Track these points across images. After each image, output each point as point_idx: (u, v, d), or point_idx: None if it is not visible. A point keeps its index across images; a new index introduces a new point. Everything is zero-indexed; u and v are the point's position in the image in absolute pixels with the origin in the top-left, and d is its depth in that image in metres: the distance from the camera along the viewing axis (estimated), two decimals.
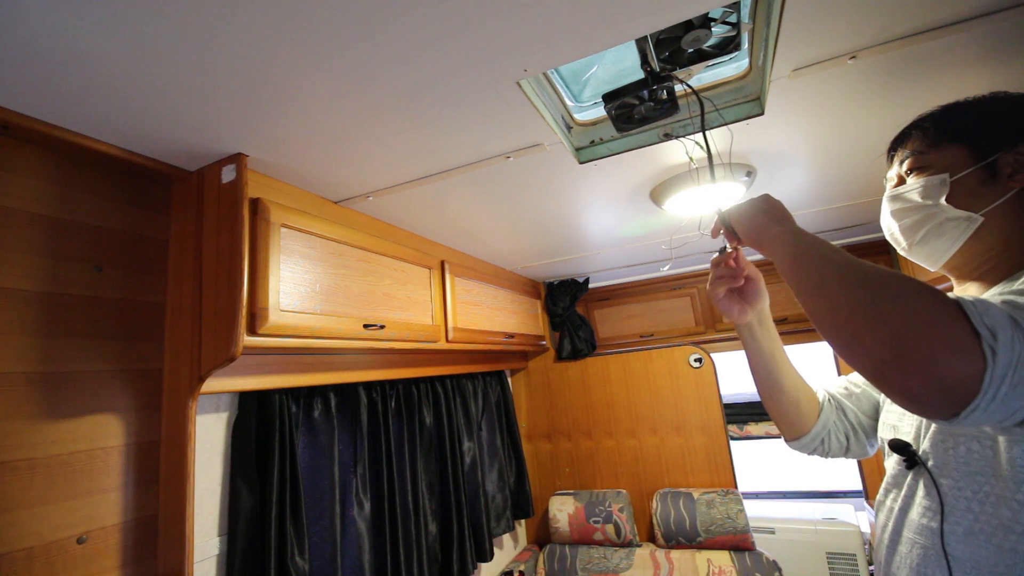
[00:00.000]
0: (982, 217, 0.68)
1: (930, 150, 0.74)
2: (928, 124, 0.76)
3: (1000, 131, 0.69)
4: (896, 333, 0.50)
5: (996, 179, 0.68)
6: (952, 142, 0.72)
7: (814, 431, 0.93)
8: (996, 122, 0.70)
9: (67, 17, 0.69)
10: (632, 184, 1.48)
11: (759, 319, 0.94)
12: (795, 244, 0.68)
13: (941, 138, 0.73)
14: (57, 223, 1.02)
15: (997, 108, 0.71)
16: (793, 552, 2.69)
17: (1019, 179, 0.66)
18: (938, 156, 0.73)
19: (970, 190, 0.69)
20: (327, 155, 1.14)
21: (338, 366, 1.51)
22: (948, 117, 0.74)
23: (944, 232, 0.71)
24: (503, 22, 0.76)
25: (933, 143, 0.74)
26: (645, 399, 2.65)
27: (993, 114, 0.71)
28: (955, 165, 0.71)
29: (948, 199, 0.70)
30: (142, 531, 1.06)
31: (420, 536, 1.79)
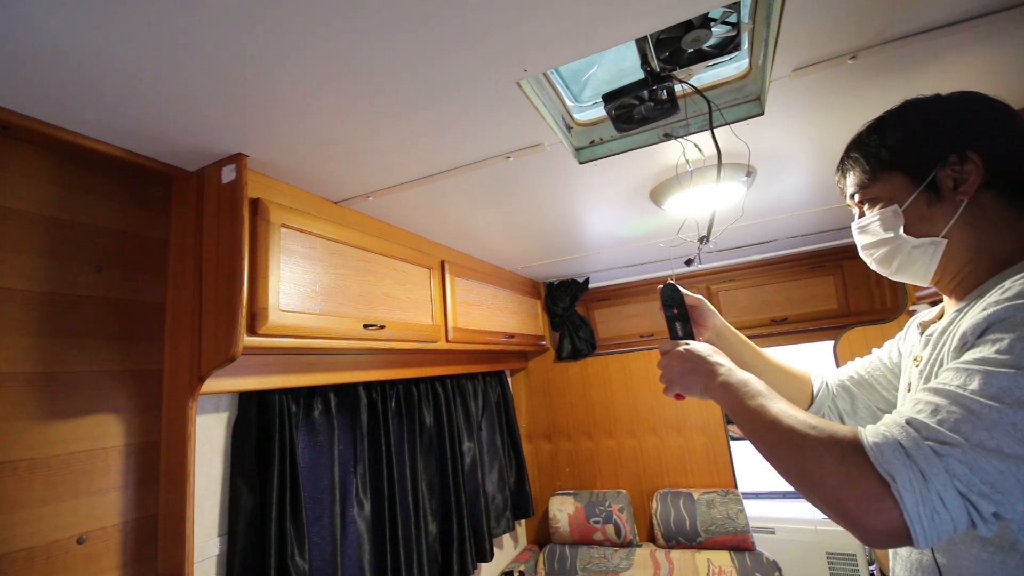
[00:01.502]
0: (944, 239, 0.68)
1: (871, 182, 0.74)
2: (859, 154, 0.76)
3: (928, 149, 0.69)
4: (827, 497, 0.56)
5: (942, 197, 0.68)
6: (888, 170, 0.72)
7: None
8: (921, 141, 0.70)
9: (67, 18, 0.69)
10: (632, 184, 1.48)
11: (716, 334, 1.00)
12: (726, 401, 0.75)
13: (876, 168, 0.73)
14: (57, 223, 1.02)
15: (917, 125, 0.71)
16: (793, 552, 2.69)
17: (963, 191, 0.66)
18: (880, 187, 0.73)
19: (923, 214, 0.69)
20: (327, 155, 1.14)
21: (338, 366, 1.51)
22: (875, 145, 0.74)
23: (916, 259, 0.72)
24: (503, 22, 0.76)
25: (871, 175, 0.74)
26: (645, 399, 2.65)
27: (916, 133, 0.71)
28: (899, 193, 0.71)
29: (906, 229, 0.71)
30: (142, 531, 1.06)
31: (420, 536, 1.79)
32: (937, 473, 0.50)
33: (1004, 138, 0.67)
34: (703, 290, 2.72)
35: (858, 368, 0.96)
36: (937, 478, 0.50)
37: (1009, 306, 0.55)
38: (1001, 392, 0.51)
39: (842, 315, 2.47)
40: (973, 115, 0.69)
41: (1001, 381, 0.52)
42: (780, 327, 2.55)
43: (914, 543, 0.51)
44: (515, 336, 2.33)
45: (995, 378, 0.52)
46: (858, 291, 2.45)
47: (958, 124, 0.68)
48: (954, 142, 0.67)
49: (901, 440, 0.53)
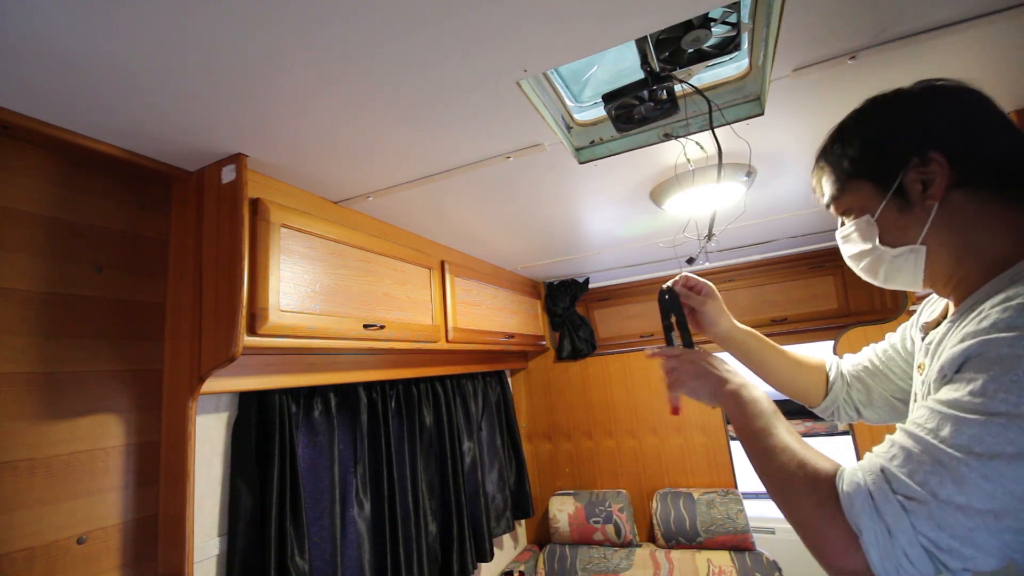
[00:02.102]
0: (922, 245, 0.65)
1: (841, 193, 0.72)
2: (825, 165, 0.74)
3: (889, 154, 0.66)
4: (804, 533, 0.60)
5: (912, 202, 0.64)
6: (854, 180, 0.70)
7: (823, 405, 0.97)
8: (881, 146, 0.67)
9: (67, 18, 0.69)
10: (632, 184, 1.48)
11: (720, 339, 1.00)
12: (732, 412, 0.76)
13: (843, 179, 0.71)
14: (57, 223, 1.02)
15: (876, 130, 0.69)
16: (793, 552, 2.68)
17: (933, 193, 0.62)
18: (851, 197, 0.71)
19: (895, 222, 0.66)
20: (327, 155, 1.14)
21: (338, 366, 1.51)
22: (838, 155, 0.72)
23: (900, 267, 0.68)
24: (503, 22, 0.76)
25: (840, 186, 0.72)
26: (645, 399, 2.65)
27: (875, 139, 0.68)
28: (869, 203, 0.68)
29: (882, 238, 0.68)
30: (142, 531, 1.06)
31: (420, 536, 1.79)
32: (903, 530, 0.50)
33: (966, 130, 0.63)
34: None
35: (872, 358, 0.93)
36: (903, 535, 0.50)
37: (984, 340, 0.53)
38: (971, 441, 0.49)
39: (842, 315, 2.47)
40: (931, 111, 0.65)
41: (971, 429, 0.50)
42: (780, 327, 2.55)
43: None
44: (515, 336, 2.33)
45: (965, 425, 0.50)
46: (858, 291, 2.45)
47: (916, 124, 0.65)
48: (914, 143, 0.64)
49: (872, 492, 0.53)
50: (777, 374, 0.98)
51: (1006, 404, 0.48)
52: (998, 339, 0.51)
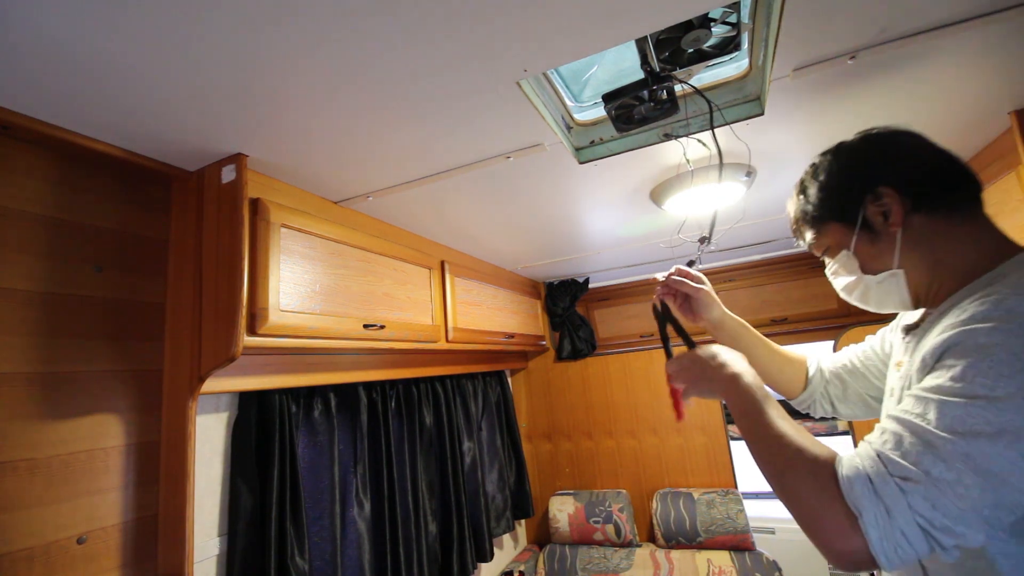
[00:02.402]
0: (899, 268, 0.72)
1: (817, 236, 0.81)
2: (796, 216, 0.84)
3: (846, 197, 0.75)
4: (802, 518, 0.60)
5: (878, 233, 0.72)
6: (825, 223, 0.78)
7: (801, 397, 1.05)
8: (838, 191, 0.76)
9: (67, 18, 0.69)
10: (632, 184, 1.48)
11: (713, 326, 1.05)
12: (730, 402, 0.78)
13: (815, 224, 0.80)
14: (57, 223, 1.02)
15: (829, 179, 0.77)
16: (793, 552, 2.69)
17: (894, 221, 0.70)
18: (826, 238, 0.79)
19: (870, 252, 0.74)
20: (327, 155, 1.14)
21: (338, 366, 1.51)
22: (803, 204, 0.81)
23: (888, 291, 0.75)
24: (503, 22, 0.76)
25: (815, 231, 0.81)
26: (645, 399, 2.65)
27: (831, 186, 0.77)
28: (843, 239, 0.77)
29: (863, 268, 0.75)
30: (142, 531, 1.06)
31: (420, 536, 1.79)
32: (901, 510, 0.53)
33: (905, 164, 0.72)
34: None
35: (852, 357, 0.99)
36: (901, 515, 0.53)
37: (963, 331, 0.58)
38: (954, 422, 0.54)
39: (842, 315, 2.46)
40: (873, 154, 0.75)
41: (954, 411, 0.54)
42: (780, 327, 2.55)
43: (880, 569, 0.55)
44: (515, 336, 2.33)
45: (948, 408, 0.55)
46: None
47: (863, 166, 0.75)
48: (865, 182, 0.73)
49: (871, 475, 0.56)
50: (762, 364, 1.03)
51: (984, 387, 0.53)
52: (976, 329, 0.57)
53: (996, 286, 0.60)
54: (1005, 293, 0.57)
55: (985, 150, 1.42)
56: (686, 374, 0.89)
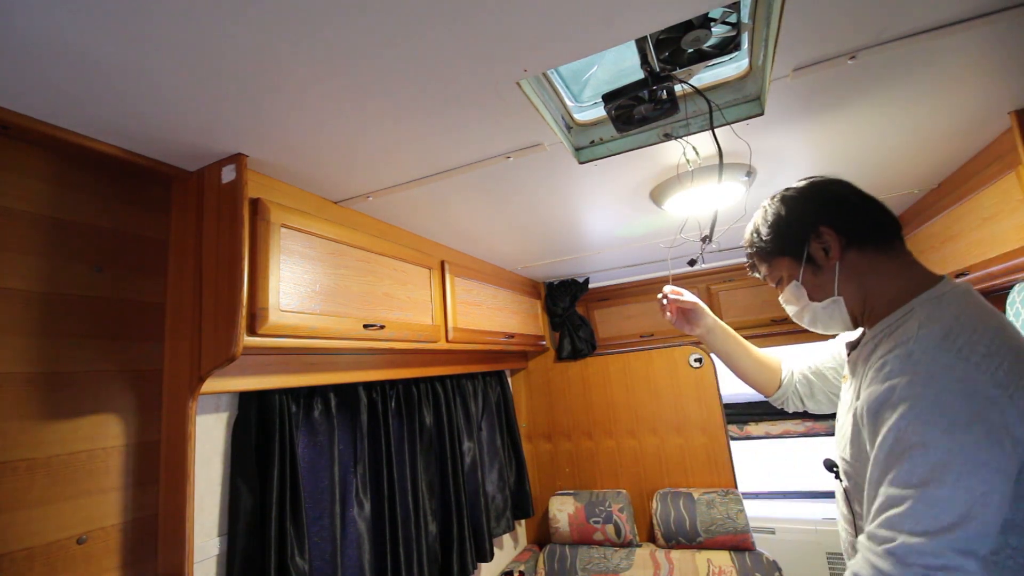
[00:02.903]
0: (839, 295, 0.85)
1: (770, 269, 0.94)
2: (753, 251, 0.96)
3: (793, 234, 0.88)
4: None
5: (820, 266, 0.85)
6: (775, 257, 0.91)
7: (775, 395, 1.23)
8: (786, 230, 0.89)
9: (67, 17, 0.69)
10: (632, 184, 1.48)
11: (707, 330, 1.26)
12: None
13: (768, 257, 0.93)
14: (57, 223, 1.02)
15: (778, 220, 0.89)
16: (793, 552, 2.69)
17: (833, 255, 0.84)
18: (777, 270, 0.92)
19: (814, 282, 0.87)
20: (327, 155, 1.14)
21: (338, 366, 1.51)
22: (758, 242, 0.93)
23: (830, 315, 0.88)
24: (503, 22, 0.76)
25: (767, 262, 0.94)
26: (645, 399, 2.65)
27: (780, 225, 0.89)
28: (791, 270, 0.89)
29: (810, 296, 0.88)
30: (142, 531, 1.06)
31: (420, 536, 1.79)
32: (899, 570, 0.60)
33: (841, 208, 0.85)
34: (703, 290, 2.72)
35: (814, 360, 1.16)
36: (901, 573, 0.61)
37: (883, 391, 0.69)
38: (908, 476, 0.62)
39: None
40: (814, 199, 0.88)
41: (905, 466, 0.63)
42: (780, 327, 2.55)
43: None
44: (515, 336, 2.33)
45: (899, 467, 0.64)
46: None
47: (808, 209, 0.87)
48: (809, 223, 0.85)
49: (861, 551, 0.66)
50: (744, 365, 1.24)
51: (916, 435, 0.63)
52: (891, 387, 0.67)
53: (908, 325, 0.74)
54: (911, 348, 0.69)
55: (985, 150, 1.42)
56: None
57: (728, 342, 1.24)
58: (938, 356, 0.66)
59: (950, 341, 0.66)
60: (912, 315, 0.75)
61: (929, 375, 0.65)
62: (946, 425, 0.61)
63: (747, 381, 1.26)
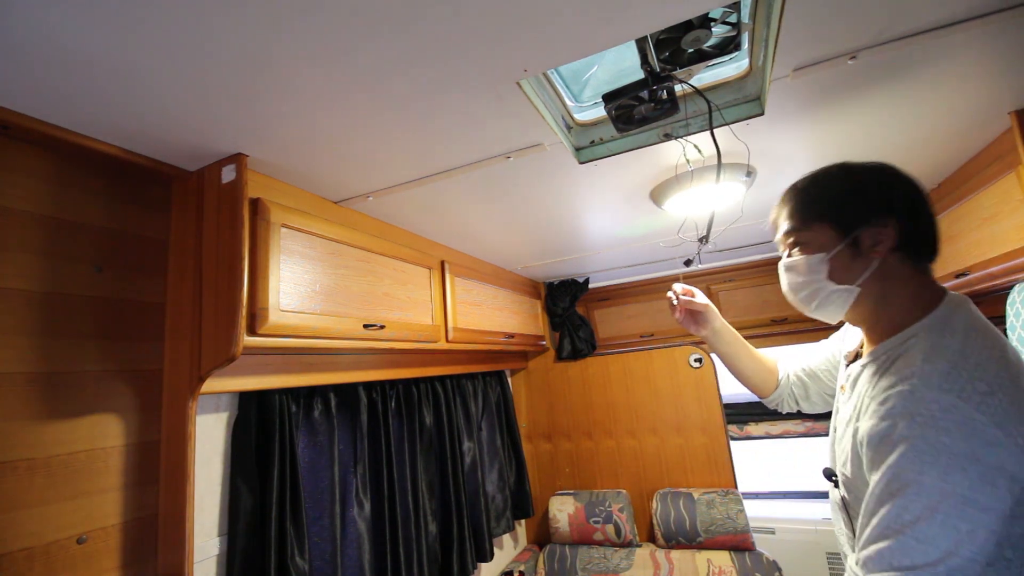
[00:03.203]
0: (859, 288, 0.80)
1: (803, 228, 0.85)
2: (795, 204, 0.87)
3: (857, 210, 0.80)
4: None
5: (861, 253, 0.80)
6: (819, 222, 0.83)
7: (770, 398, 1.24)
8: (850, 202, 0.81)
9: (67, 17, 0.69)
10: (632, 184, 1.48)
11: (713, 333, 1.25)
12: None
13: (809, 218, 0.84)
14: (57, 223, 1.02)
15: (850, 187, 0.82)
16: (793, 552, 2.69)
17: (878, 251, 0.78)
18: (811, 235, 0.84)
19: (844, 264, 0.81)
20: (327, 155, 1.14)
21: (338, 366, 1.51)
22: (809, 198, 0.85)
23: (832, 301, 0.83)
24: (503, 22, 0.76)
25: (804, 222, 0.85)
26: (645, 399, 2.65)
27: (848, 193, 0.82)
28: (827, 243, 0.82)
29: (829, 275, 0.82)
30: (142, 531, 1.06)
31: (420, 536, 1.79)
32: None
33: (914, 211, 0.80)
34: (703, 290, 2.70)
35: (809, 362, 1.16)
36: None
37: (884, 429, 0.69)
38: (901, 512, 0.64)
39: None
40: (895, 188, 0.81)
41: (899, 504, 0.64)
42: (780, 327, 2.55)
43: None
44: (515, 336, 2.33)
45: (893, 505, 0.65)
46: None
47: (884, 194, 0.80)
48: (879, 208, 0.79)
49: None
50: (745, 366, 1.24)
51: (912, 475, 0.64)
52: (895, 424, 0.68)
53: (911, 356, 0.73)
54: (914, 384, 0.69)
55: (985, 150, 1.42)
56: None
57: (733, 344, 1.24)
58: (939, 397, 0.66)
59: (951, 380, 0.67)
60: (915, 344, 0.74)
61: (930, 416, 0.65)
62: (942, 468, 0.63)
63: (745, 382, 1.26)
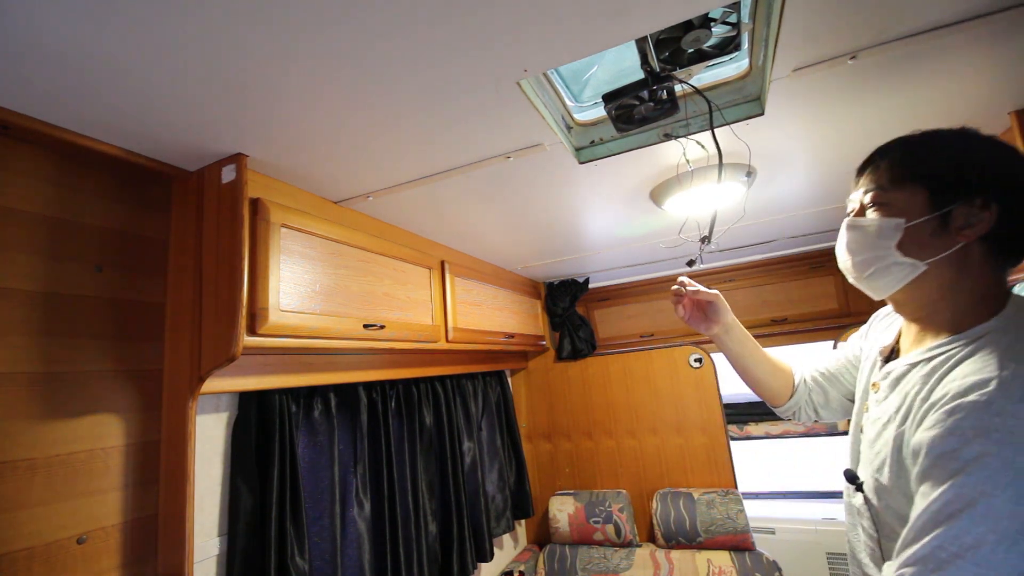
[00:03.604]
0: (926, 266, 0.72)
1: (893, 188, 0.75)
2: (897, 157, 0.77)
3: (963, 180, 0.70)
4: None
5: (947, 231, 0.70)
6: (915, 183, 0.73)
7: (787, 405, 1.11)
8: (961, 170, 0.71)
9: (67, 17, 0.69)
10: (632, 184, 1.48)
11: (724, 329, 1.11)
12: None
13: (905, 177, 0.74)
14: (57, 223, 1.02)
15: (965, 154, 0.73)
16: (793, 552, 2.69)
17: (966, 234, 0.69)
18: (900, 196, 0.74)
19: (921, 238, 0.72)
20: (327, 155, 1.14)
21: (338, 366, 1.51)
22: (917, 155, 0.75)
23: (890, 273, 0.75)
24: (503, 22, 0.76)
25: (897, 181, 0.75)
26: (645, 399, 2.65)
27: (960, 160, 0.72)
28: (912, 209, 0.73)
29: (899, 244, 0.73)
30: (142, 531, 1.06)
31: (420, 536, 1.79)
32: None
33: (1021, 203, 0.69)
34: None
35: (827, 365, 1.08)
36: None
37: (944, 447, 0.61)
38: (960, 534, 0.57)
39: (842, 315, 2.47)
40: (1011, 171, 0.70)
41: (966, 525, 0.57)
42: (780, 327, 2.55)
43: None
44: (515, 336, 2.33)
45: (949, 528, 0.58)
46: (858, 291, 2.43)
47: (997, 174, 0.70)
48: (984, 187, 0.69)
49: None
50: (760, 370, 1.11)
51: (981, 495, 0.57)
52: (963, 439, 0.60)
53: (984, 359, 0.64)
54: (992, 396, 0.60)
55: None
56: None
57: (746, 344, 1.11)
58: (1021, 410, 0.59)
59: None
60: (986, 347, 0.66)
61: (1008, 432, 0.58)
62: (1016, 491, 0.56)
63: (757, 387, 1.13)
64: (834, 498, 3.07)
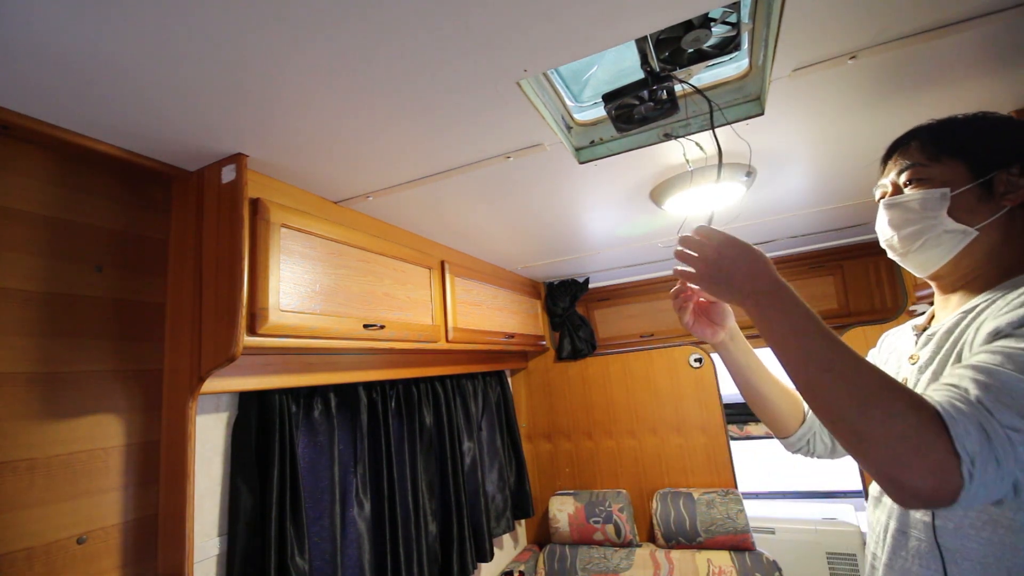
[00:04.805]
0: (977, 231, 0.73)
1: (930, 163, 0.77)
2: (927, 136, 0.78)
3: (997, 150, 0.73)
4: (889, 450, 0.55)
5: (991, 196, 0.72)
6: (951, 157, 0.75)
7: (798, 434, 0.98)
8: (993, 141, 0.74)
9: (67, 17, 0.69)
10: (632, 184, 1.48)
11: (730, 336, 0.96)
12: (780, 310, 0.68)
13: (940, 152, 0.76)
14: (57, 223, 1.02)
15: (992, 128, 0.76)
16: (793, 552, 2.69)
17: (1011, 198, 0.71)
18: (938, 170, 0.76)
19: (967, 205, 0.73)
20: (327, 155, 1.14)
21: (338, 366, 1.51)
22: (947, 132, 0.77)
23: (941, 243, 0.75)
24: (503, 22, 0.76)
25: (933, 156, 0.77)
26: (645, 399, 2.65)
27: (989, 133, 0.75)
28: (954, 180, 0.74)
29: (949, 212, 0.74)
30: (142, 531, 1.06)
31: (420, 536, 1.79)
32: (1010, 460, 0.52)
33: None
34: None
35: None
36: (1009, 464, 0.52)
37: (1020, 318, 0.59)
38: None
39: (842, 315, 2.47)
40: None
41: None
42: None
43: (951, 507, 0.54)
44: (515, 336, 2.33)
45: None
46: (858, 291, 2.45)
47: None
48: (1020, 155, 0.72)
49: (982, 421, 0.53)
50: (766, 389, 0.97)
51: None
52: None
53: None
54: None
55: None
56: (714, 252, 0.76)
57: (750, 355, 0.97)
58: None
59: None
60: None
61: None
62: None
63: (765, 409, 0.98)
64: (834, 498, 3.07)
